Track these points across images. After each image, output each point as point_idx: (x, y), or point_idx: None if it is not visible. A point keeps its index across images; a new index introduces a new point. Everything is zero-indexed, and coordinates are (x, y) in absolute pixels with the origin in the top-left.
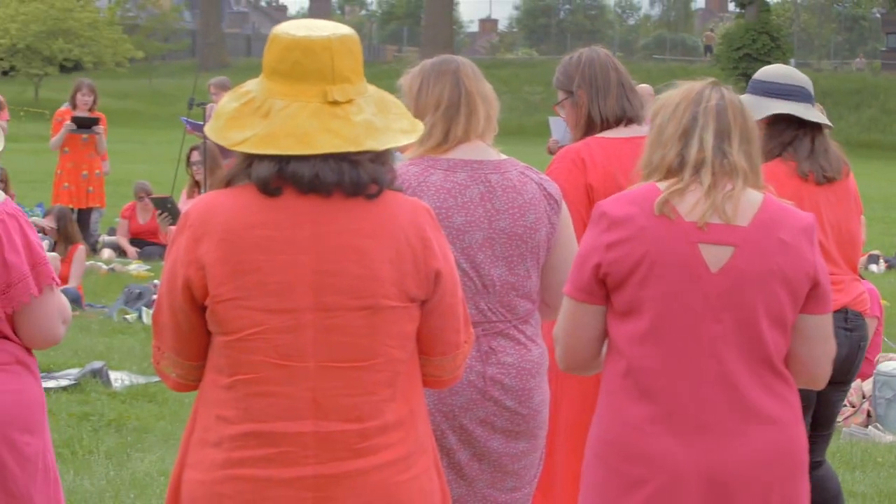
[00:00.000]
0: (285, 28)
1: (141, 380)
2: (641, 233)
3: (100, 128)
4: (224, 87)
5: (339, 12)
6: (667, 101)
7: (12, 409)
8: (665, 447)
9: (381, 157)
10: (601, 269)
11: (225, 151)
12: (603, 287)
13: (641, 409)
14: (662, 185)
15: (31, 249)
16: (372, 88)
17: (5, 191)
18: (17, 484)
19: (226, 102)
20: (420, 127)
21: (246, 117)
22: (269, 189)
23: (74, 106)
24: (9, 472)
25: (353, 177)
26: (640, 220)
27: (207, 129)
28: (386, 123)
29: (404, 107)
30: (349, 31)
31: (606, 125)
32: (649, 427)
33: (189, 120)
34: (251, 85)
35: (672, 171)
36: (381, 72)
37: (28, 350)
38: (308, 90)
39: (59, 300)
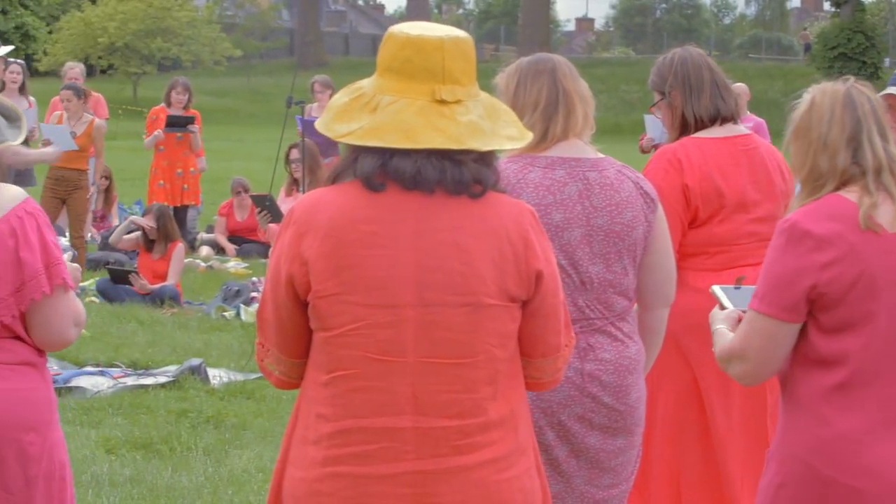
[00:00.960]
0: (401, 27)
1: (239, 377)
2: (853, 250)
3: (195, 126)
4: (328, 85)
5: (436, 11)
6: (816, 106)
7: (16, 407)
8: (885, 457)
9: (485, 158)
10: (816, 289)
11: (325, 150)
12: (808, 306)
13: (858, 420)
14: (851, 196)
15: (47, 249)
16: (484, 95)
17: (109, 190)
18: (16, 482)
19: (338, 97)
20: (528, 135)
21: (354, 111)
22: (372, 184)
23: (169, 104)
24: (9, 470)
25: (455, 175)
26: (849, 236)
27: (318, 123)
28: (493, 128)
29: (514, 115)
30: (464, 35)
31: (701, 125)
32: (869, 438)
33: (302, 118)
34: (364, 83)
35: (850, 178)
36: (478, 70)
37: (39, 351)
38: (417, 88)
39: (72, 303)
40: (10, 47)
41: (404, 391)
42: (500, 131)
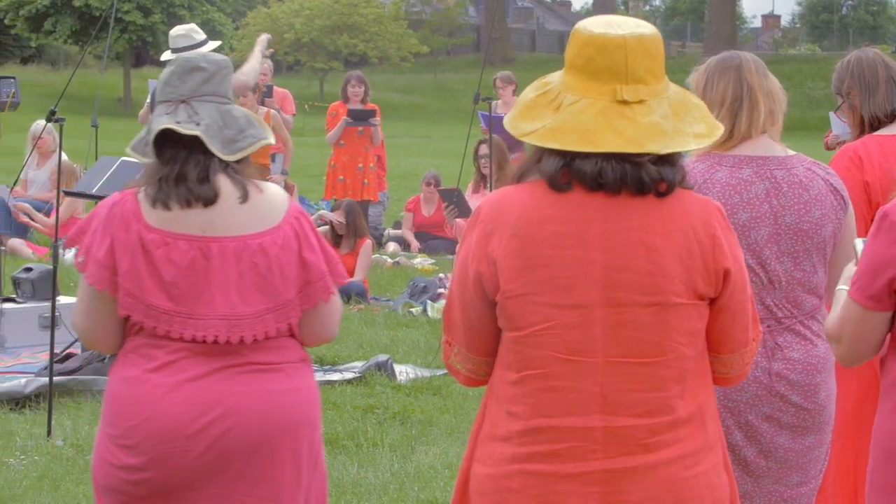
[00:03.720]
0: (585, 24)
1: (425, 373)
2: None
3: (376, 120)
4: (510, 81)
5: (622, 7)
6: None
7: (307, 405)
8: None
9: (668, 158)
10: None
11: (512, 145)
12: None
13: None
14: None
15: (325, 249)
16: (674, 89)
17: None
18: (306, 477)
19: (527, 91)
20: (718, 131)
21: (539, 108)
22: (557, 184)
23: (346, 99)
24: (303, 466)
25: (636, 176)
26: None
27: (505, 119)
28: (677, 126)
29: (706, 110)
30: (649, 31)
31: (878, 123)
32: None
33: (484, 114)
34: (553, 77)
35: None
36: (665, 67)
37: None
38: (599, 87)
39: (339, 299)
40: (217, 42)
41: (593, 391)
42: (687, 129)
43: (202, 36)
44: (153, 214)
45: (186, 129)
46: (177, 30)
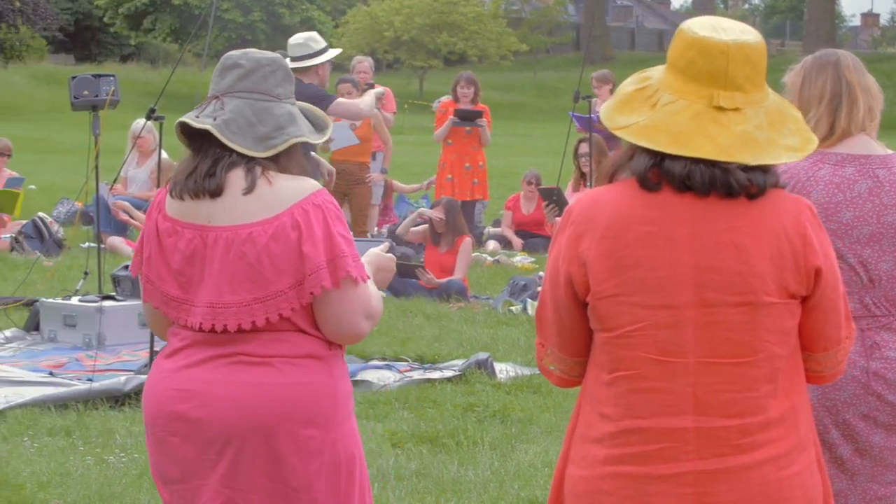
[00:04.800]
0: (691, 25)
1: (525, 371)
2: None
3: (483, 120)
4: (606, 80)
5: (721, 6)
6: None
7: (295, 401)
8: None
9: (760, 165)
10: None
11: (611, 144)
12: None
13: None
14: None
15: (332, 242)
16: (773, 98)
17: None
18: (296, 477)
19: (626, 83)
20: (812, 145)
21: (636, 103)
22: (647, 183)
23: (456, 99)
24: (288, 464)
25: (724, 182)
26: None
27: (602, 109)
28: (771, 137)
29: (802, 122)
30: (754, 40)
31: None
32: None
33: (577, 115)
34: (654, 72)
35: None
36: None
37: (328, 344)
38: (697, 91)
39: (364, 296)
40: (338, 50)
41: (685, 391)
42: (780, 141)
43: (321, 44)
44: (172, 205)
45: (198, 123)
46: (295, 39)
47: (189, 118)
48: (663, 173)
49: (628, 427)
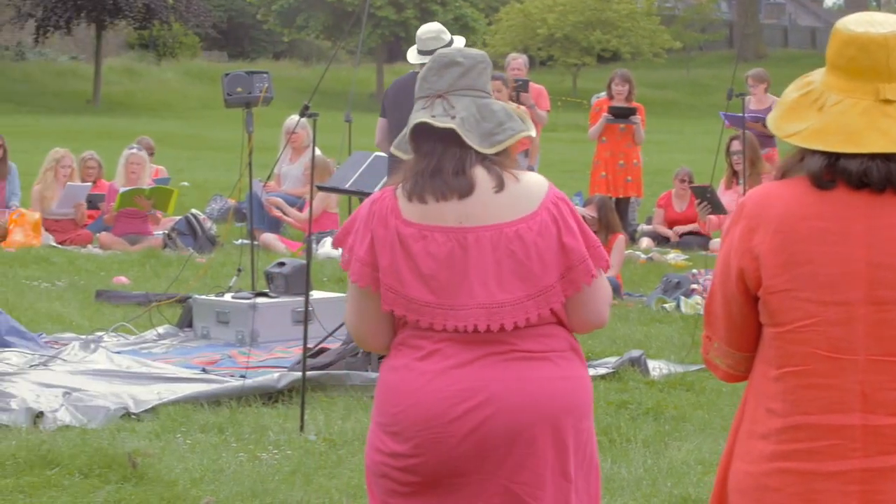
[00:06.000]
0: (846, 22)
1: (679, 369)
2: None
3: (637, 118)
4: (761, 79)
5: (874, 3)
6: None
7: (575, 394)
8: None
9: None
10: None
11: (764, 142)
12: None
13: None
14: None
15: (585, 233)
16: None
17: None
18: (573, 468)
19: (789, 91)
20: None
21: (803, 109)
22: (821, 182)
23: (611, 96)
24: (569, 456)
25: None
26: None
27: (768, 119)
28: None
29: None
30: None
31: None
32: None
33: (727, 114)
34: (815, 76)
35: None
36: None
37: (575, 337)
38: (861, 87)
39: (607, 283)
40: (462, 39)
41: (853, 388)
42: None
43: (449, 36)
44: (410, 209)
45: (441, 123)
46: (427, 32)
47: (426, 118)
48: (838, 172)
49: (796, 423)
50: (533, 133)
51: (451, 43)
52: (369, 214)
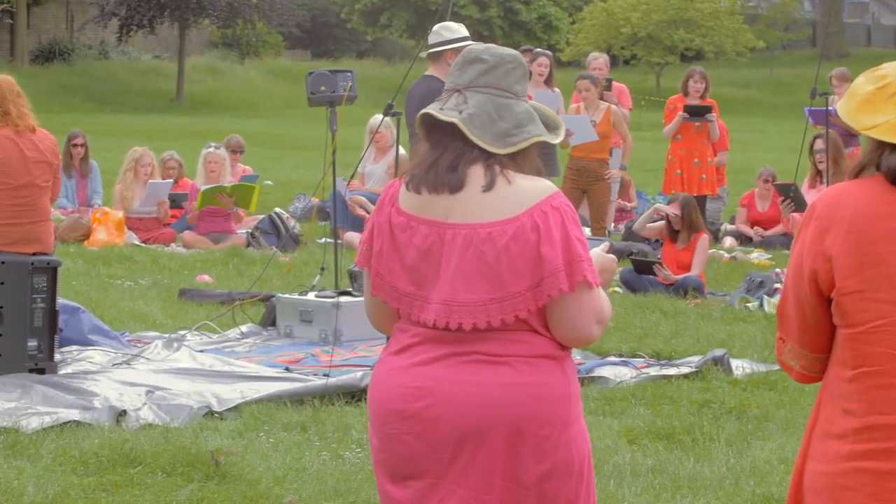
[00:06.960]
0: None
1: (762, 368)
2: None
3: (712, 115)
4: (845, 78)
5: None
6: None
7: (533, 401)
8: None
9: None
10: None
11: (847, 141)
12: None
13: None
14: None
15: (569, 245)
16: None
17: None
18: (530, 476)
19: (861, 83)
20: None
21: (879, 102)
22: None
23: (686, 94)
24: (523, 463)
25: None
26: None
27: (840, 109)
28: None
29: None
30: None
31: None
32: None
33: (811, 109)
34: (888, 68)
35: None
36: None
37: (560, 344)
38: None
39: (596, 300)
40: (466, 35)
41: None
42: None
43: (450, 34)
44: (407, 199)
45: (444, 116)
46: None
47: (433, 110)
48: None
49: (872, 423)
50: (549, 139)
51: (450, 41)
52: (379, 200)
